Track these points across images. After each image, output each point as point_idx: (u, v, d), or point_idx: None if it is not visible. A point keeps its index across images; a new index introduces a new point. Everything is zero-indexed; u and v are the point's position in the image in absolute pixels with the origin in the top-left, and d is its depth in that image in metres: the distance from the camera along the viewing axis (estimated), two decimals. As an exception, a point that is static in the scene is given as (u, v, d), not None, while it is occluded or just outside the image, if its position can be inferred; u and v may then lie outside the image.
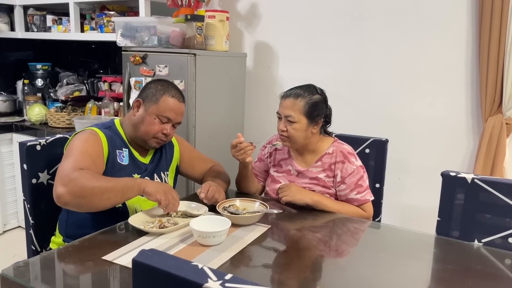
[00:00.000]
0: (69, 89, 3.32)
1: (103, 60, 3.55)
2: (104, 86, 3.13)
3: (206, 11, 2.60)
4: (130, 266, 0.80)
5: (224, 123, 2.72)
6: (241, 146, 1.69)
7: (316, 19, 2.67)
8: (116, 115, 3.00)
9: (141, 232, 1.39)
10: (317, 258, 1.35)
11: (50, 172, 1.72)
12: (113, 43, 2.66)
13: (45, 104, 3.32)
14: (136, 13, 2.92)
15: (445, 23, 2.31)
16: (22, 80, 3.41)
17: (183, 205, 1.56)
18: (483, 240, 1.55)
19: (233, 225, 1.43)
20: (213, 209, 1.56)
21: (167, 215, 1.51)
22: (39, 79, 3.47)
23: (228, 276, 0.72)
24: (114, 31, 2.72)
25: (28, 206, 1.67)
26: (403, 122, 2.49)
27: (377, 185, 2.05)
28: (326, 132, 1.83)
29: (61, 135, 1.79)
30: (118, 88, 3.14)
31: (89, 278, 1.15)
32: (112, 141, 1.60)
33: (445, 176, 1.61)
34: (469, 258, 1.37)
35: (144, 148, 1.69)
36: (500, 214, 1.52)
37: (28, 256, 1.67)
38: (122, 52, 2.60)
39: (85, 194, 1.36)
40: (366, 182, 1.77)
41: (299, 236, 1.49)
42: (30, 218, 1.68)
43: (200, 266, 0.75)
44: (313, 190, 1.76)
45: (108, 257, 1.22)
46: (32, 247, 1.70)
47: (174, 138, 1.82)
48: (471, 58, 2.28)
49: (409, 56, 2.42)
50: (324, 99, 1.76)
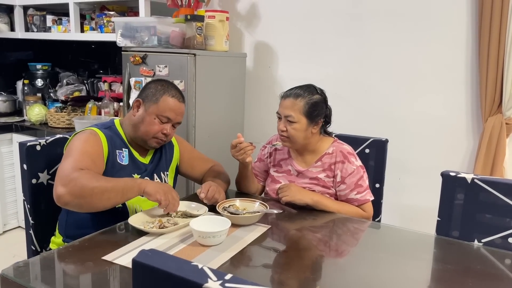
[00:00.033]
0: (69, 89, 3.32)
1: (103, 60, 3.55)
2: (104, 86, 3.13)
3: (206, 11, 2.60)
4: (130, 266, 0.80)
5: (224, 123, 2.72)
6: (241, 146, 1.69)
7: (316, 19, 2.67)
8: (116, 115, 3.00)
9: (141, 232, 1.39)
10: (317, 258, 1.35)
11: (50, 172, 1.72)
12: (113, 43, 2.66)
13: (45, 104, 3.32)
14: (136, 13, 2.92)
15: (445, 23, 2.31)
16: (22, 80, 3.41)
17: (183, 205, 1.56)
18: (483, 240, 1.55)
19: (233, 225, 1.43)
20: (213, 209, 1.56)
21: (167, 215, 1.51)
22: (39, 79, 3.46)
23: (228, 276, 0.72)
24: (114, 31, 2.72)
25: (28, 206, 1.67)
26: (403, 122, 2.49)
27: (377, 185, 2.05)
28: (326, 132, 1.83)
29: (61, 135, 1.79)
30: (118, 88, 3.13)
31: (89, 278, 1.15)
32: (112, 141, 1.60)
33: (445, 176, 1.61)
34: (469, 258, 1.37)
35: (144, 148, 1.69)
36: (500, 214, 1.52)
37: (28, 256, 1.67)
38: (122, 52, 2.60)
39: (85, 194, 1.36)
40: (366, 182, 1.77)
41: (299, 236, 1.49)
42: (30, 218, 1.68)
43: (200, 266, 0.75)
44: (313, 190, 1.76)
45: (108, 257, 1.22)
46: (32, 247, 1.70)
47: (174, 138, 1.82)
48: (471, 58, 2.28)
49: (409, 56, 2.42)
50: (324, 99, 1.76)
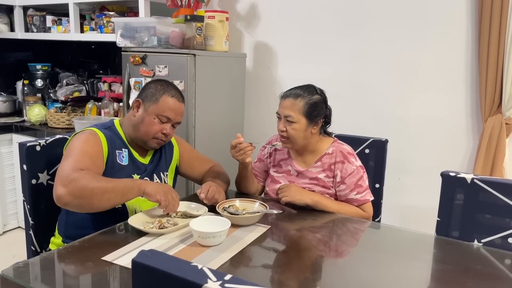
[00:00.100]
0: (69, 90, 3.32)
1: (103, 61, 3.55)
2: (104, 87, 3.13)
3: (206, 12, 2.60)
4: (130, 267, 0.80)
5: (224, 124, 2.72)
6: (241, 147, 1.69)
7: (316, 19, 2.67)
8: (116, 116, 3.00)
9: (141, 233, 1.39)
10: (317, 259, 1.35)
11: (50, 173, 1.72)
12: (113, 44, 2.66)
13: (45, 105, 3.33)
14: (136, 14, 2.92)
15: (445, 24, 2.31)
16: (22, 81, 3.41)
17: (183, 206, 1.56)
18: (483, 240, 1.55)
19: (233, 226, 1.43)
20: (213, 210, 1.56)
21: (167, 216, 1.51)
22: (39, 80, 3.46)
23: (228, 277, 0.72)
24: (114, 32, 2.72)
25: (28, 207, 1.67)
26: (403, 122, 2.49)
27: (377, 185, 2.05)
28: (326, 132, 1.83)
29: (61, 136, 1.79)
30: (118, 89, 3.13)
31: (89, 279, 1.15)
32: (112, 142, 1.60)
33: (445, 176, 1.61)
34: (469, 258, 1.37)
35: (144, 149, 1.69)
36: (500, 214, 1.52)
37: (28, 257, 1.67)
38: (122, 53, 2.60)
39: (85, 195, 1.36)
40: (366, 182, 1.77)
41: (299, 237, 1.49)
42: (30, 219, 1.68)
43: (200, 267, 0.75)
44: (313, 191, 1.76)
45: (108, 258, 1.22)
46: (32, 248, 1.70)
47: (174, 139, 1.82)
48: (471, 58, 2.28)
49: (409, 56, 2.42)
50: (324, 99, 1.76)
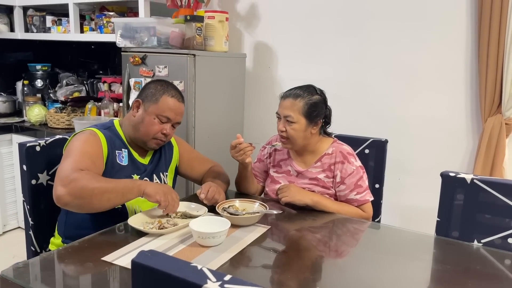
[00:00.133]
0: (69, 90, 3.32)
1: (103, 61, 3.55)
2: (104, 87, 3.13)
3: (206, 12, 2.60)
4: (130, 267, 0.80)
5: (224, 124, 2.72)
6: (241, 147, 1.69)
7: (316, 20, 2.67)
8: (116, 116, 3.00)
9: (141, 233, 1.39)
10: (317, 259, 1.35)
11: (50, 173, 1.72)
12: (113, 44, 2.66)
13: (45, 105, 3.33)
14: (136, 14, 2.92)
15: (445, 24, 2.31)
16: (22, 81, 3.41)
17: (183, 206, 1.56)
18: (483, 241, 1.55)
19: (233, 226, 1.43)
20: (213, 210, 1.56)
21: (167, 216, 1.51)
22: (39, 80, 3.46)
23: (228, 277, 0.72)
24: (114, 32, 2.72)
25: (28, 207, 1.67)
26: (403, 123, 2.49)
27: (377, 186, 2.05)
28: (326, 133, 1.83)
29: (61, 136, 1.79)
30: (118, 89, 3.13)
31: (89, 279, 1.15)
32: (112, 142, 1.60)
33: (445, 177, 1.61)
34: (469, 259, 1.37)
35: (144, 149, 1.69)
36: (500, 215, 1.52)
37: (28, 257, 1.67)
38: (122, 53, 2.60)
39: (85, 195, 1.36)
40: (366, 183, 1.77)
41: (299, 237, 1.49)
42: (30, 219, 1.68)
43: (200, 267, 0.75)
44: (313, 191, 1.76)
45: (108, 258, 1.22)
46: (32, 248, 1.70)
47: (174, 139, 1.82)
48: (471, 59, 2.28)
49: (409, 56, 2.42)
50: (324, 100, 1.76)
